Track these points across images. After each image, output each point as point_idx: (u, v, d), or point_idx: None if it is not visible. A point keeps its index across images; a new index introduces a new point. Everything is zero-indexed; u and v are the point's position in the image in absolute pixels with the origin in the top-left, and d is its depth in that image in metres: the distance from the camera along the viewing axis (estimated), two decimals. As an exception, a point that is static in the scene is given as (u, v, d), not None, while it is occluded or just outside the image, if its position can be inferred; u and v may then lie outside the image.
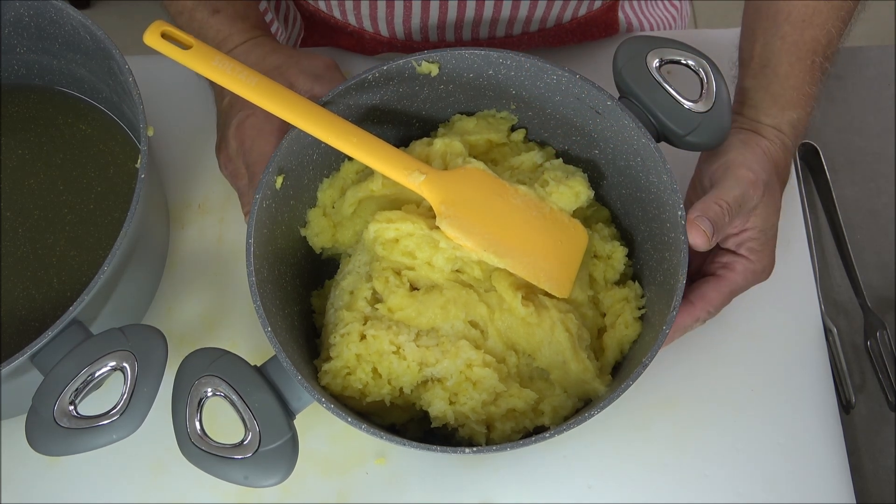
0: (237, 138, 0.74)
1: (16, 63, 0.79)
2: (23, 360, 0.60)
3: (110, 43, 0.69)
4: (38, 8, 0.72)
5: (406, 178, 0.65)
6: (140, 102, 0.67)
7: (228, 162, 0.75)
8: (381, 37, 0.89)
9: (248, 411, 0.60)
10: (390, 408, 0.68)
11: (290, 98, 0.63)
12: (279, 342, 0.61)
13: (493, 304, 0.67)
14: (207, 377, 0.60)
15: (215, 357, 0.61)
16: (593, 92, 0.67)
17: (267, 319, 0.61)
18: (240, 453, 0.59)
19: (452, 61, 0.69)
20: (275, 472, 0.59)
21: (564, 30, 0.90)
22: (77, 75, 0.78)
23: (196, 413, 0.60)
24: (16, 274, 0.74)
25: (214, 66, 0.62)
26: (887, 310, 0.81)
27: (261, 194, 0.65)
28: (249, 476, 0.59)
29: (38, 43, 0.76)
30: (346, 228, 0.72)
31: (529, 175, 0.72)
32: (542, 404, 0.67)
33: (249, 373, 0.61)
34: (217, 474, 0.59)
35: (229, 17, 0.78)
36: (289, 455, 0.60)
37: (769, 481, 0.73)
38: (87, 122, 0.80)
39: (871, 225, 0.85)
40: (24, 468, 0.74)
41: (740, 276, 0.69)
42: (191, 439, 0.59)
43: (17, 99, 0.81)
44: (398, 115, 0.74)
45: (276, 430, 0.60)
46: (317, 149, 0.69)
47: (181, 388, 0.60)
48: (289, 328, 0.67)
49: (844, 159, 0.88)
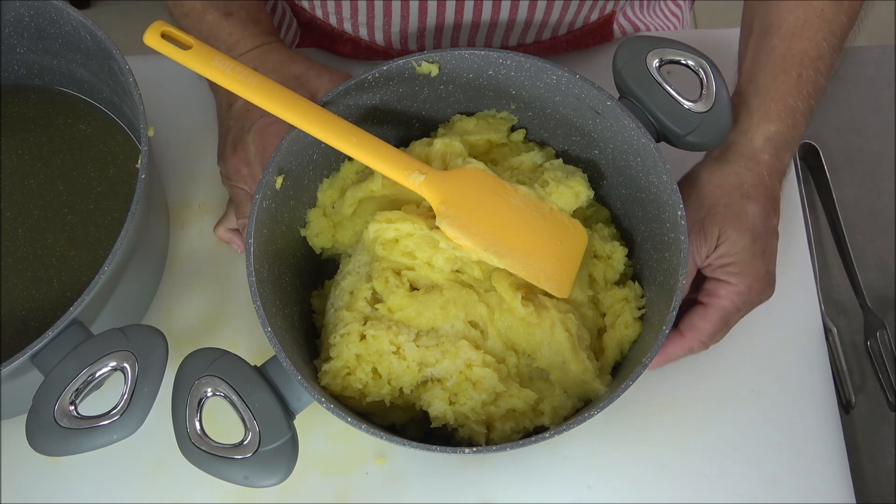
0: (258, 143, 0.74)
1: (16, 63, 0.79)
2: (23, 360, 0.60)
3: (110, 43, 0.69)
4: (38, 8, 0.72)
5: (406, 178, 0.65)
6: (140, 102, 0.67)
7: (245, 165, 0.75)
8: (376, 45, 0.89)
9: (248, 411, 0.60)
10: (390, 408, 0.68)
11: (289, 98, 0.63)
12: (279, 342, 0.61)
13: (493, 304, 0.67)
14: (207, 377, 0.60)
15: (215, 357, 0.61)
16: (593, 92, 0.67)
17: (267, 319, 0.61)
18: (240, 453, 0.59)
19: (452, 61, 0.69)
20: (275, 473, 0.59)
21: (561, 42, 0.90)
22: (77, 75, 0.78)
23: (196, 413, 0.60)
24: (16, 274, 0.74)
25: (214, 66, 0.62)
26: (887, 310, 0.81)
27: (261, 194, 0.65)
28: (249, 476, 0.59)
29: (38, 43, 0.76)
30: (346, 229, 0.72)
31: (529, 175, 0.72)
32: (542, 404, 0.67)
33: (249, 373, 0.61)
34: (217, 474, 0.59)
35: (242, 21, 0.78)
36: (289, 455, 0.60)
37: (769, 481, 0.73)
38: (87, 122, 0.80)
39: (871, 225, 0.85)
40: (24, 468, 0.74)
41: (726, 300, 0.69)
42: (191, 439, 0.59)
43: (17, 99, 0.81)
44: (398, 115, 0.74)
45: (276, 430, 0.60)
46: (317, 149, 0.69)
47: (181, 388, 0.60)
48: (289, 328, 0.67)
49: (844, 159, 0.88)
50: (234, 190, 0.77)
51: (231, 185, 0.77)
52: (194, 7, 0.78)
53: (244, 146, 0.75)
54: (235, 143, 0.76)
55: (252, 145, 0.74)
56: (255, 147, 0.74)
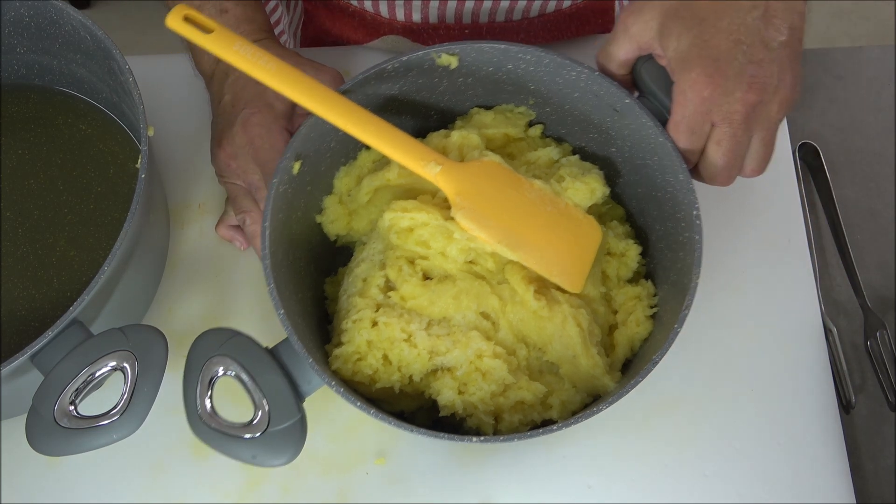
0: (243, 135, 0.74)
1: (16, 63, 0.79)
2: (23, 360, 0.60)
3: (110, 43, 0.69)
4: (38, 8, 0.72)
5: (422, 168, 0.65)
6: (140, 102, 0.67)
7: (232, 159, 0.75)
8: (381, 17, 0.89)
9: (259, 391, 0.60)
10: (399, 395, 0.68)
11: (309, 85, 0.64)
12: (291, 325, 0.61)
13: (506, 296, 0.67)
14: (219, 356, 0.61)
15: (228, 337, 0.61)
16: (612, 89, 0.67)
17: (280, 302, 0.62)
18: (249, 432, 0.59)
19: (472, 54, 0.69)
20: (283, 453, 0.59)
21: (564, 15, 0.90)
22: (77, 75, 0.78)
23: (207, 391, 0.60)
24: (16, 274, 0.74)
25: (235, 51, 0.63)
26: (887, 310, 0.81)
27: (278, 178, 0.65)
28: (257, 455, 0.59)
29: (38, 43, 0.76)
30: (362, 217, 0.73)
31: (545, 171, 0.72)
32: (551, 398, 0.67)
33: (261, 354, 0.61)
34: (226, 452, 0.59)
35: (236, 19, 0.79)
36: (297, 436, 0.60)
37: (769, 481, 0.73)
38: (87, 122, 0.80)
39: (871, 225, 0.85)
40: (24, 468, 0.74)
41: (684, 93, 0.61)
42: (201, 417, 0.59)
43: (17, 99, 0.81)
44: (416, 106, 0.74)
45: (285, 411, 0.60)
46: (335, 136, 0.70)
47: (193, 366, 0.61)
48: (301, 312, 0.67)
49: (844, 159, 0.88)
50: (228, 186, 0.77)
51: (224, 181, 0.77)
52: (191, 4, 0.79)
53: (230, 140, 0.75)
54: (222, 138, 0.76)
55: (237, 138, 0.75)
56: (241, 140, 0.75)
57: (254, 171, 0.74)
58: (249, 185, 0.75)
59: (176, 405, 0.75)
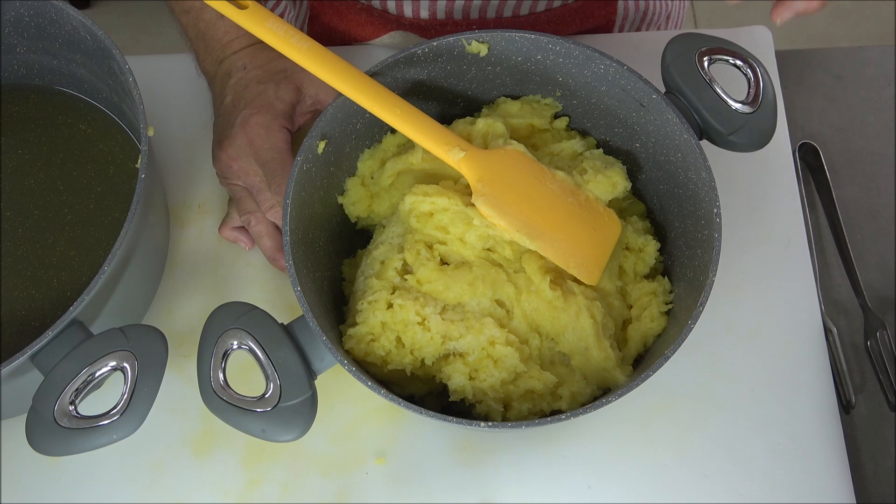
0: (243, 136, 0.75)
1: (16, 63, 0.79)
2: (23, 360, 0.60)
3: (110, 43, 0.69)
4: (38, 8, 0.72)
5: (446, 153, 0.66)
6: (140, 102, 0.67)
7: (234, 161, 0.75)
8: (389, 14, 0.90)
9: (272, 366, 0.60)
10: (410, 378, 0.68)
11: (338, 64, 0.64)
12: (307, 302, 0.61)
13: (521, 285, 0.67)
14: (234, 330, 0.61)
15: (244, 311, 0.62)
16: (639, 84, 0.68)
17: (297, 279, 0.62)
18: (260, 406, 0.60)
19: (502, 43, 0.69)
20: (292, 428, 0.60)
21: (569, 10, 0.91)
22: (77, 75, 0.78)
23: (220, 364, 0.60)
24: (16, 274, 0.74)
25: (268, 28, 0.64)
26: (887, 310, 0.81)
27: (302, 157, 0.65)
28: (267, 430, 0.59)
29: (38, 43, 0.76)
30: (383, 200, 0.73)
31: (568, 163, 0.73)
32: (561, 389, 0.67)
33: (276, 330, 0.62)
34: (236, 425, 0.60)
35: None
36: (307, 413, 0.60)
37: (769, 481, 0.73)
38: (87, 122, 0.80)
39: (871, 225, 0.85)
40: (24, 468, 0.74)
41: None
42: (213, 390, 0.60)
43: (17, 99, 0.81)
44: (444, 92, 0.74)
45: (297, 387, 0.60)
46: (361, 119, 0.70)
47: (208, 340, 0.61)
48: (317, 291, 0.68)
49: (844, 159, 0.88)
50: (231, 188, 0.77)
51: (227, 183, 0.77)
52: (193, 5, 0.79)
53: (231, 141, 0.75)
54: (223, 140, 0.76)
55: (237, 139, 0.75)
56: (241, 141, 0.75)
57: (255, 172, 0.74)
58: (250, 187, 0.76)
59: (176, 405, 0.75)
